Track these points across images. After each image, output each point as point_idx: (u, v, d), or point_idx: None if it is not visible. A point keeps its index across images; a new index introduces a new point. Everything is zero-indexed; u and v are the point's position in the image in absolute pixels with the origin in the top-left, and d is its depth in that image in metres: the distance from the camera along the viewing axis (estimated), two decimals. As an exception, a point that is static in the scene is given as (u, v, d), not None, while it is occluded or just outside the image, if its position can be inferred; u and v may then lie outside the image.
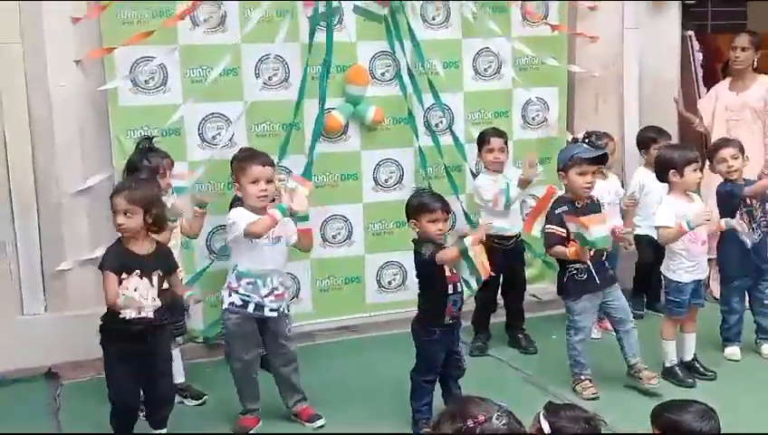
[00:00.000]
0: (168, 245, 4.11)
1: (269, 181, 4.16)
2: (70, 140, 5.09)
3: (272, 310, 4.22)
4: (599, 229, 4.33)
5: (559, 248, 4.49)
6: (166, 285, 3.93)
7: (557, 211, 4.55)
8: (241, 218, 4.10)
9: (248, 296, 4.18)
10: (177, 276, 4.03)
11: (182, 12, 5.07)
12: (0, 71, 4.91)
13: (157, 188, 4.00)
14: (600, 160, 4.67)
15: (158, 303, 3.81)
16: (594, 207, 4.64)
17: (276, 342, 4.30)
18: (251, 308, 4.19)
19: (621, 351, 4.71)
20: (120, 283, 3.74)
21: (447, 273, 4.14)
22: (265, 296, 4.19)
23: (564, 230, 4.46)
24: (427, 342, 4.20)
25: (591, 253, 4.45)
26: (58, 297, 5.11)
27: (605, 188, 5.26)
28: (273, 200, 4.21)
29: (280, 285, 4.25)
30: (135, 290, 3.75)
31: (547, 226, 4.58)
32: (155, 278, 3.80)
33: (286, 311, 4.31)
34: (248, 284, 4.18)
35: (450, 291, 4.16)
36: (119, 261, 3.77)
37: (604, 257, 4.61)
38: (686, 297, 4.75)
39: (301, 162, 5.41)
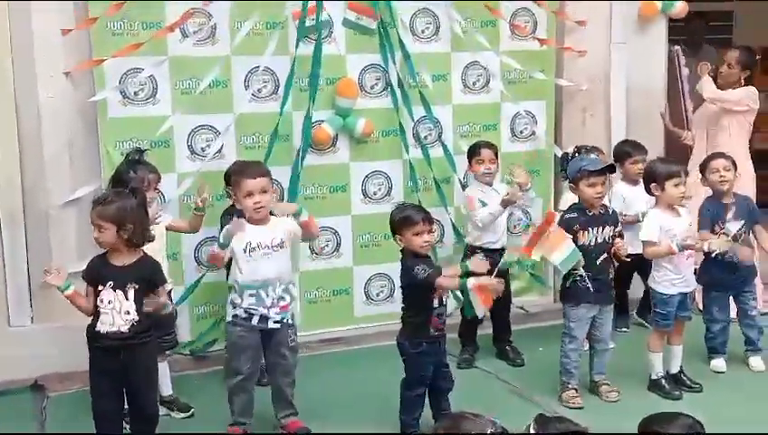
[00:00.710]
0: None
1: (263, 192, 4.16)
2: (58, 152, 5.08)
3: (275, 321, 4.21)
4: (559, 254, 4.38)
5: None
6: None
7: (567, 217, 4.62)
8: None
9: (253, 309, 4.18)
10: (162, 291, 3.88)
11: (172, 24, 5.08)
12: (-11, 81, 4.92)
13: (141, 202, 3.87)
14: (609, 170, 4.72)
15: (135, 317, 3.74)
16: (608, 217, 4.67)
17: (277, 352, 4.28)
18: (255, 320, 4.19)
19: (590, 365, 4.80)
20: (98, 294, 3.74)
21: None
22: (270, 308, 4.18)
23: (570, 236, 4.49)
24: (415, 354, 4.21)
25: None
26: (45, 309, 5.07)
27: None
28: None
29: (285, 294, 4.23)
30: (109, 303, 3.73)
31: None
32: (130, 292, 3.74)
33: (290, 321, 4.29)
34: (251, 296, 4.17)
35: (435, 304, 4.17)
36: (94, 271, 3.78)
37: (611, 276, 4.68)
38: (671, 310, 4.78)
39: (288, 174, 5.42)
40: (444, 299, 4.21)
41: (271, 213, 4.26)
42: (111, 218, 3.72)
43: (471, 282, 4.09)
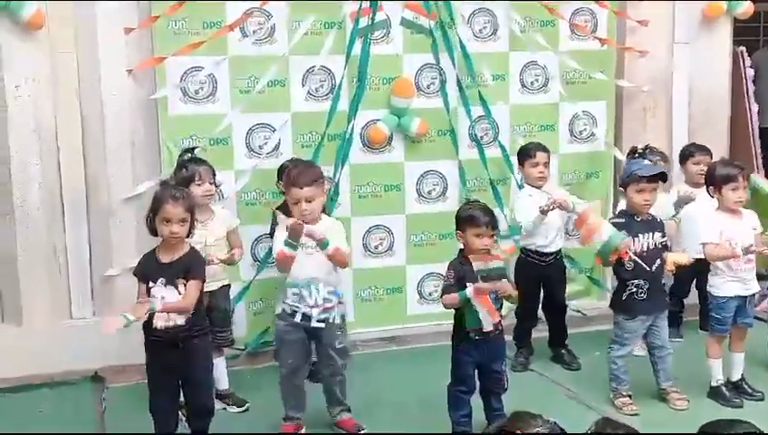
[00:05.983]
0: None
1: (309, 201, 4.13)
2: (120, 148, 5.19)
3: (319, 320, 4.22)
4: (607, 227, 4.33)
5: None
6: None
7: (614, 221, 4.56)
8: (277, 242, 4.18)
9: (296, 307, 4.21)
10: (193, 284, 3.81)
11: (232, 23, 5.15)
12: (54, 79, 5.03)
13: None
14: (661, 178, 4.61)
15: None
16: (655, 223, 4.59)
17: (324, 352, 4.31)
18: (298, 318, 4.22)
19: (654, 373, 4.72)
20: (150, 291, 3.80)
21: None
22: (312, 307, 4.20)
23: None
24: (455, 351, 4.23)
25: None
26: (106, 302, 5.18)
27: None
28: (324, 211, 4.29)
29: (330, 296, 4.24)
30: (162, 298, 3.78)
31: None
32: (181, 286, 3.80)
33: (338, 321, 4.29)
34: (294, 295, 4.20)
35: None
36: (144, 270, 3.85)
37: (663, 282, 4.58)
38: (728, 314, 4.66)
39: (344, 173, 5.45)
40: None
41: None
42: (191, 210, 3.83)
43: (469, 290, 4.04)
